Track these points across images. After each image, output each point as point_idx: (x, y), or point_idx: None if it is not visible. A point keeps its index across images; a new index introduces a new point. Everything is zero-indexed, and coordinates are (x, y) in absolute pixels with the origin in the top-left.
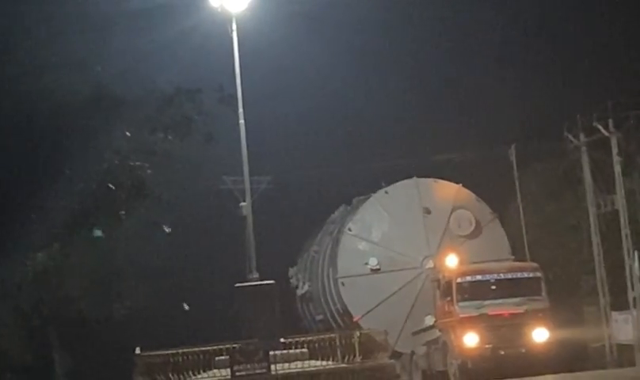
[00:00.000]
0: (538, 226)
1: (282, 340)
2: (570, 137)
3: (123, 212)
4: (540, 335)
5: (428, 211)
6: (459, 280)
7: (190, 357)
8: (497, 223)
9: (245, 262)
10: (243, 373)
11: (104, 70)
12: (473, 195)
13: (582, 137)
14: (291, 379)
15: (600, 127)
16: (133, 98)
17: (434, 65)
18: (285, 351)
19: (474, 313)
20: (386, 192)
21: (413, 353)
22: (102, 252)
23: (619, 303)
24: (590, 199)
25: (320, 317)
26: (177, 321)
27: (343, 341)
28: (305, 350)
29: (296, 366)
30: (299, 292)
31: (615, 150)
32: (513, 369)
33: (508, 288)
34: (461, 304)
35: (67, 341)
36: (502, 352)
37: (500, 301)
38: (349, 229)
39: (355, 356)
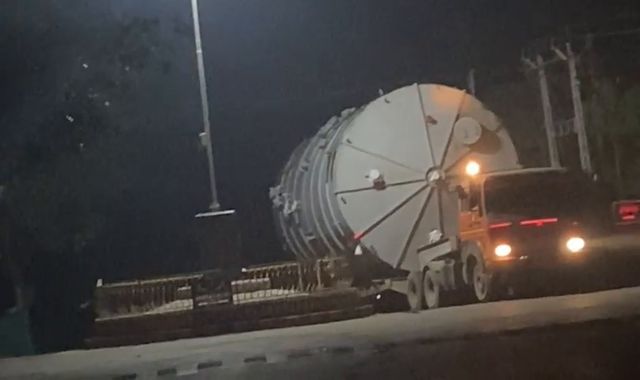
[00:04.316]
0: None
1: (243, 269)
2: (528, 61)
3: (82, 144)
4: (575, 244)
5: (432, 120)
6: (487, 189)
7: (152, 288)
8: (504, 131)
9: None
10: (205, 303)
11: (59, 1)
12: (478, 102)
13: (540, 61)
14: (253, 309)
15: (558, 51)
16: (89, 30)
17: None
18: (247, 281)
19: (506, 223)
20: (386, 101)
21: (426, 269)
22: (62, 185)
23: None
24: (549, 123)
25: (311, 237)
26: (138, 253)
27: (304, 270)
28: (267, 279)
29: (258, 296)
30: (286, 212)
31: (572, 74)
32: (546, 283)
33: (540, 196)
34: (490, 214)
35: (28, 274)
36: (536, 264)
37: (531, 209)
38: (348, 141)
39: (317, 285)
